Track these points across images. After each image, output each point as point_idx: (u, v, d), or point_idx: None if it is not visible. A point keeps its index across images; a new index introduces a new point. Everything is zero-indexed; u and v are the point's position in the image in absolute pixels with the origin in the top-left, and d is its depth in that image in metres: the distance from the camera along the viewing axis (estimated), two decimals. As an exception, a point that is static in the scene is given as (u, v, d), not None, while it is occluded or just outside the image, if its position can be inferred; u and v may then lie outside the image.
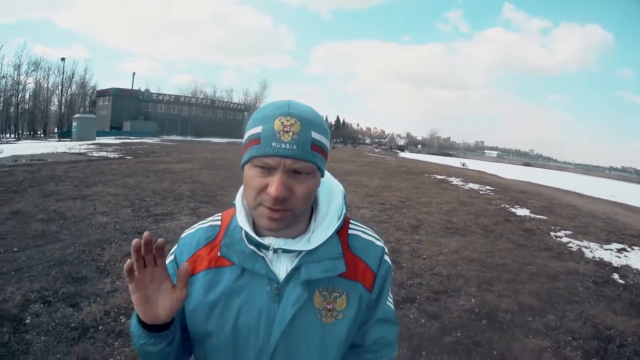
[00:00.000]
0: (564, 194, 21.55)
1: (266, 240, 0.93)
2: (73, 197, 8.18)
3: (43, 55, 61.18)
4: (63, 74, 52.52)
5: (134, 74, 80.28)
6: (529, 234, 8.34)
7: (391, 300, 1.10)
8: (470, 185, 16.92)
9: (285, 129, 0.84)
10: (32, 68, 48.65)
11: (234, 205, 1.01)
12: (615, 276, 6.23)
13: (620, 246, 8.64)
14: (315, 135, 0.87)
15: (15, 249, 5.07)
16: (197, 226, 1.06)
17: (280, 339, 0.92)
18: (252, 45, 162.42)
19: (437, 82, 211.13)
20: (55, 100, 53.00)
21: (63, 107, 51.92)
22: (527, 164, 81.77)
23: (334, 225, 0.97)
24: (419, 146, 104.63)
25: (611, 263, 7.03)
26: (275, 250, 0.94)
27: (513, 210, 11.28)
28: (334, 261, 0.95)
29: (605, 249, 8.12)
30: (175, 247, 1.04)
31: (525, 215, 10.63)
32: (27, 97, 48.03)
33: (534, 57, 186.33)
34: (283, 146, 0.83)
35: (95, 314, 3.52)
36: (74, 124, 34.46)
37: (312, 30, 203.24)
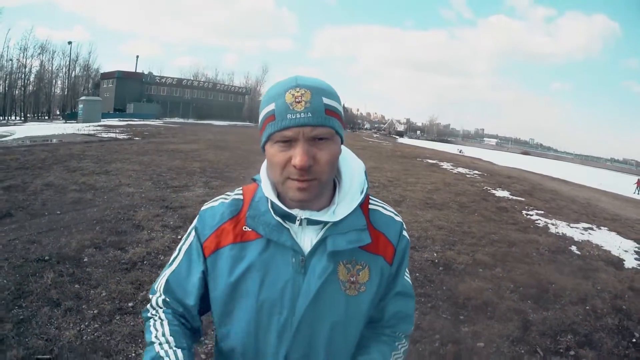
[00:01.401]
0: (551, 181, 22.51)
1: (292, 212, 0.94)
2: (97, 173, 9.17)
3: (48, 38, 61.47)
4: (70, 57, 53.18)
5: (137, 57, 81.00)
6: (502, 211, 9.34)
7: (408, 275, 1.13)
8: (459, 169, 17.87)
9: (297, 100, 0.87)
10: (39, 51, 49.21)
11: (253, 181, 1.05)
12: (573, 248, 7.16)
13: (587, 225, 9.50)
14: (326, 100, 0.89)
15: (58, 212, 6.07)
16: (219, 199, 1.07)
17: (306, 312, 0.94)
18: (254, 28, 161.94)
19: (439, 69, 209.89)
20: (59, 82, 53.63)
21: (69, 90, 52.51)
22: (525, 153, 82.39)
23: (358, 198, 0.99)
24: (418, 132, 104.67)
25: (573, 238, 7.93)
26: (300, 223, 0.95)
27: (493, 191, 12.26)
28: (359, 232, 0.97)
29: (572, 227, 8.99)
30: (195, 220, 1.06)
31: (504, 197, 11.61)
32: (32, 79, 48.54)
33: (538, 45, 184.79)
34: (298, 116, 0.86)
35: (139, 254, 4.59)
36: (80, 106, 35.06)
37: (314, 13, 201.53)
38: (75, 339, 2.99)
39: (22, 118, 43.80)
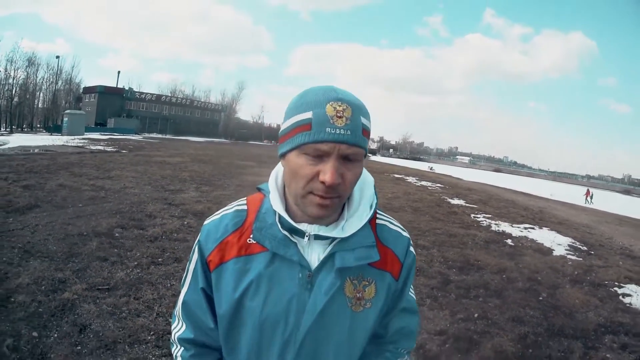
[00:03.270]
0: (511, 193, 24.16)
1: (301, 226, 0.93)
2: (101, 177, 10.43)
3: (34, 51, 61.84)
4: (57, 70, 53.80)
5: (119, 72, 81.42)
6: (451, 214, 10.97)
7: (413, 290, 1.12)
8: (423, 182, 19.68)
9: (338, 114, 0.84)
10: (26, 64, 49.78)
11: (258, 191, 1.03)
12: (508, 241, 8.75)
13: (529, 226, 11.09)
14: (364, 120, 0.87)
15: (80, 205, 7.34)
16: (221, 212, 1.05)
17: (310, 328, 0.93)
18: (231, 44, 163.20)
19: (414, 87, 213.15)
20: (41, 95, 54.05)
21: (49, 103, 53.01)
22: (497, 170, 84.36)
23: (367, 214, 0.97)
24: (391, 150, 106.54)
25: (511, 234, 9.51)
26: (308, 238, 0.94)
27: (449, 200, 13.95)
28: (367, 249, 0.95)
29: (513, 227, 10.58)
30: (199, 235, 1.03)
31: (458, 204, 13.28)
32: (18, 91, 48.98)
33: (514, 64, 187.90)
34: (338, 131, 0.83)
35: (157, 232, 6.00)
36: (65, 119, 35.87)
37: (291, 31, 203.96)
38: (125, 278, 4.34)
39: (8, 129, 43.98)
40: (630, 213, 23.10)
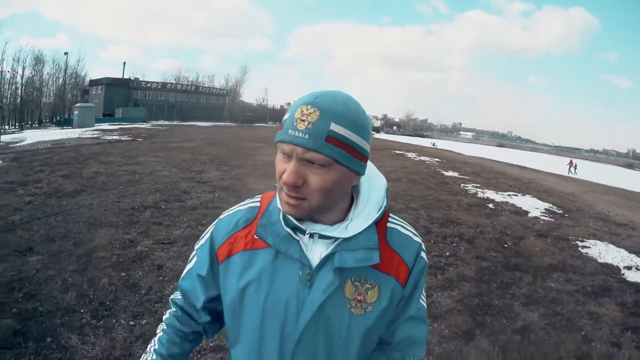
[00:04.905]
0: (507, 166, 24.92)
1: (303, 225, 0.96)
2: (129, 164, 11.75)
3: (40, 49, 63.13)
4: (65, 67, 55.12)
5: (124, 63, 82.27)
6: (443, 184, 12.25)
7: (424, 298, 1.11)
8: (422, 157, 20.85)
9: (302, 117, 0.86)
10: (34, 62, 51.04)
11: (275, 188, 1.02)
12: (490, 205, 9.90)
13: (513, 193, 12.04)
14: (335, 127, 0.87)
15: (121, 187, 8.68)
16: (235, 208, 1.10)
17: (308, 326, 0.95)
18: (232, 28, 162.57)
19: (416, 64, 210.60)
20: (47, 91, 55.35)
21: (57, 98, 54.36)
22: (500, 145, 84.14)
23: (373, 216, 0.99)
24: (394, 128, 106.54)
25: (494, 200, 10.62)
26: (311, 236, 0.96)
27: (443, 172, 15.18)
28: (368, 251, 0.96)
29: (498, 194, 11.60)
30: (212, 227, 1.10)
31: (451, 175, 14.52)
32: (25, 89, 50.23)
33: (515, 40, 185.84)
34: (296, 134, 0.86)
35: (196, 203, 7.42)
36: (75, 112, 36.92)
37: (290, 11, 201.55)
38: (181, 234, 5.74)
39: (18, 126, 45.18)
40: (623, 185, 23.31)
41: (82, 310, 3.70)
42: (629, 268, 6.22)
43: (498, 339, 3.80)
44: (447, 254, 5.90)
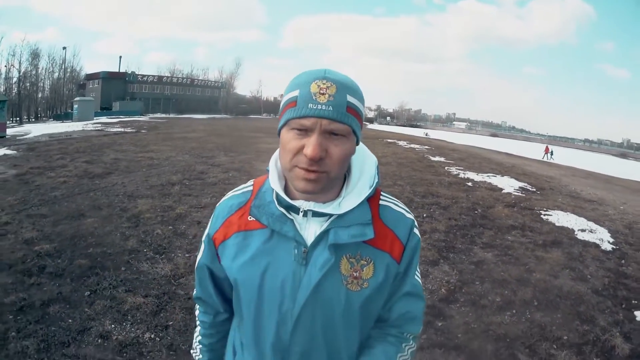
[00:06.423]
0: (494, 154, 25.96)
1: (297, 203, 0.97)
2: (144, 151, 12.92)
3: (36, 43, 63.76)
4: (63, 62, 55.93)
5: (120, 57, 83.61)
6: (429, 167, 13.49)
7: (419, 275, 1.12)
8: (412, 145, 22.00)
9: (321, 91, 0.88)
10: (33, 57, 51.72)
11: (267, 172, 1.06)
12: (469, 183, 11.05)
13: (492, 175, 13.06)
14: (350, 98, 0.90)
15: (144, 169, 9.87)
16: (231, 193, 1.12)
17: (306, 304, 0.97)
18: (225, 20, 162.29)
19: (410, 55, 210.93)
20: (42, 84, 56.01)
21: (53, 92, 55.10)
22: (494, 135, 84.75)
23: (365, 192, 1.00)
24: (388, 118, 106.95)
25: (473, 179, 11.74)
26: (305, 214, 0.98)
27: (431, 158, 16.39)
28: (362, 227, 0.98)
29: (478, 175, 12.68)
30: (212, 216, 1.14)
31: (437, 160, 15.72)
32: (22, 83, 50.89)
33: (510, 29, 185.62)
34: (319, 107, 0.87)
35: (214, 180, 8.72)
36: (75, 106, 37.65)
37: (285, 3, 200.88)
38: (209, 202, 7.00)
39: (18, 121, 45.79)
40: (607, 172, 23.78)
41: (145, 250, 4.95)
42: (582, 230, 7.21)
43: (457, 267, 5.10)
44: (425, 215, 7.21)
